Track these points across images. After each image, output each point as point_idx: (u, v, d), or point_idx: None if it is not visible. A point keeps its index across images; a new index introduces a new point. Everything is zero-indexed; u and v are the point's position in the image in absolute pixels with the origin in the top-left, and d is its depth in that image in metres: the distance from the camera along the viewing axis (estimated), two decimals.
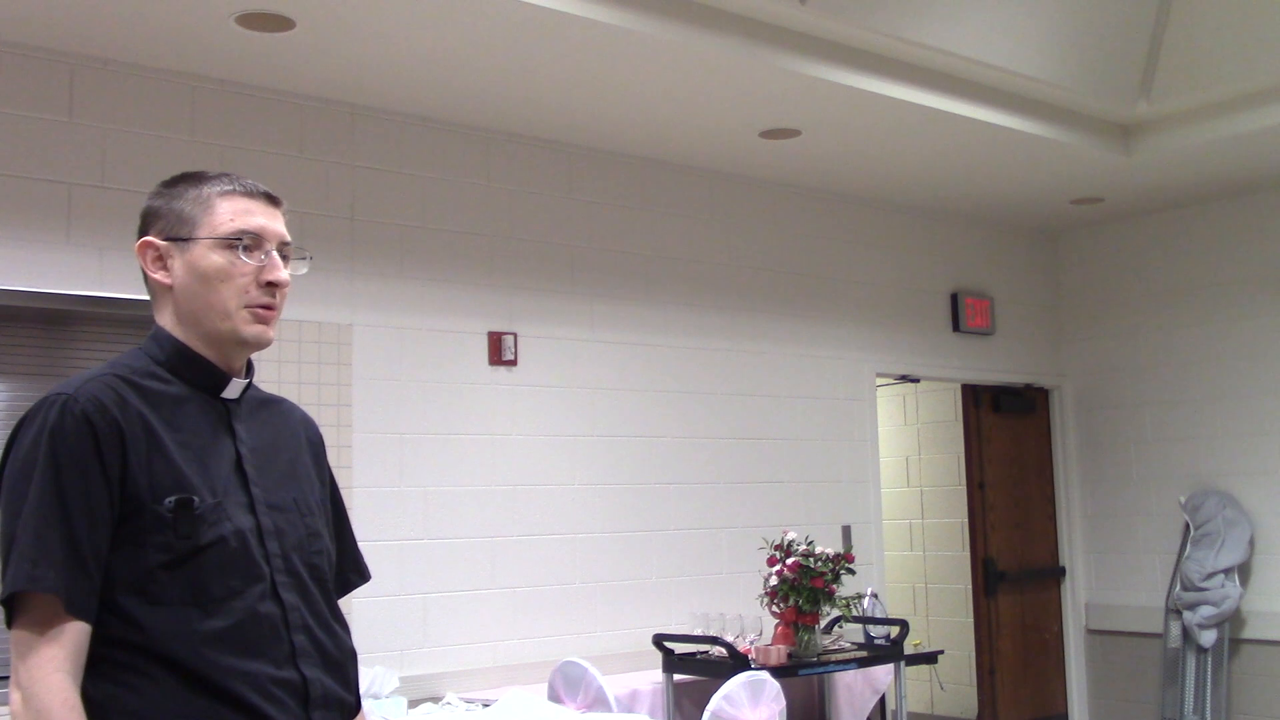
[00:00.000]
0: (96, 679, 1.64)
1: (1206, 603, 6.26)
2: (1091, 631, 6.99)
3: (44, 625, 1.61)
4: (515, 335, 4.99)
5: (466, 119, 4.90)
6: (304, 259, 1.92)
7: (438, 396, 4.78)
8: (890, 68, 4.81)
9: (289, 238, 1.88)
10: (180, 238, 1.81)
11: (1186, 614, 6.35)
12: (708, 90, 4.69)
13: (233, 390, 1.85)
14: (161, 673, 1.65)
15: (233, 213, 1.82)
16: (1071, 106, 5.47)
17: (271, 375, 4.28)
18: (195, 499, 1.71)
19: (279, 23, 3.93)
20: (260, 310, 1.82)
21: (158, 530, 1.68)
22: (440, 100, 4.69)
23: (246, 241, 1.81)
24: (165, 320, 1.84)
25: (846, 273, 6.22)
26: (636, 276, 5.41)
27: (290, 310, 4.44)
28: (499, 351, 4.94)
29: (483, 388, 4.91)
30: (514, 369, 4.99)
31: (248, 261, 1.81)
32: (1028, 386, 7.06)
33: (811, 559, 4.68)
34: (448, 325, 4.84)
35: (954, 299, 6.69)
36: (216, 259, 1.80)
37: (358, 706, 1.89)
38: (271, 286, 1.83)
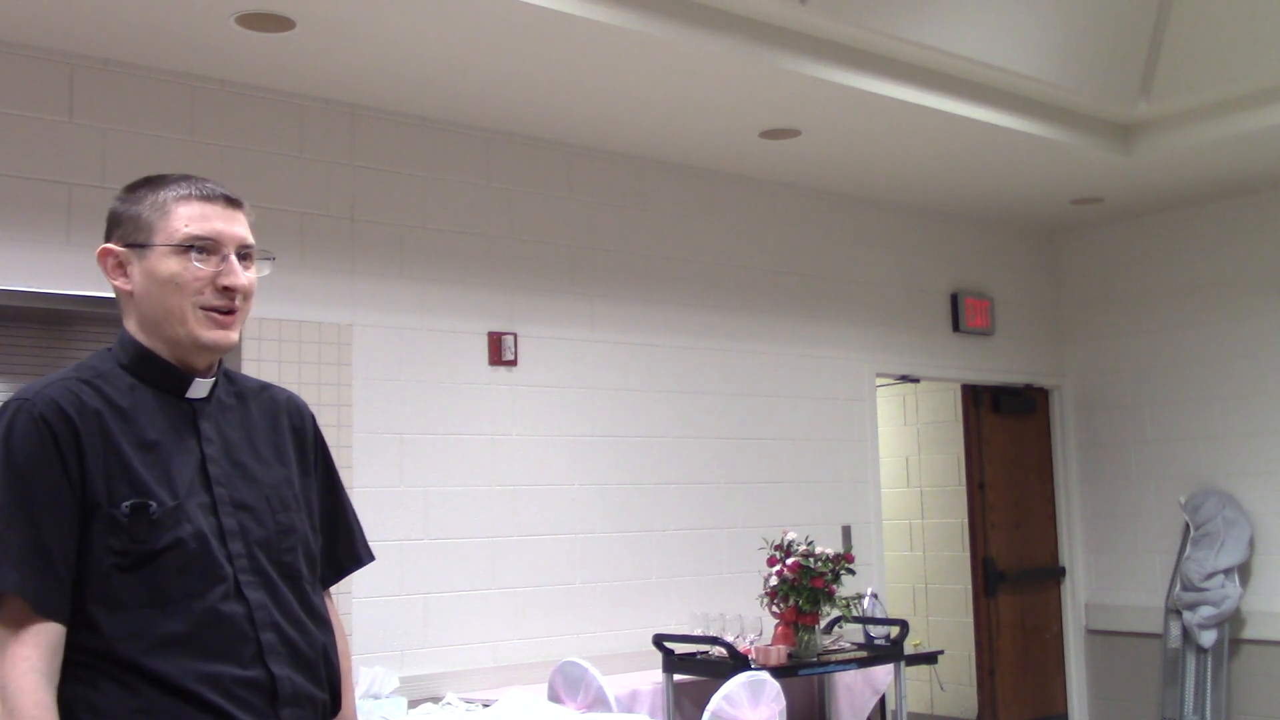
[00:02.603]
0: (65, 680, 1.65)
1: (1206, 603, 6.26)
2: (1091, 631, 6.99)
3: (15, 625, 1.62)
4: (515, 335, 4.99)
5: (466, 119, 4.90)
6: (267, 259, 1.91)
7: (438, 396, 4.78)
8: (890, 68, 4.81)
9: (250, 240, 1.87)
10: (138, 244, 1.82)
11: (1186, 614, 6.35)
12: (708, 90, 4.69)
13: (198, 390, 1.84)
14: (125, 675, 1.66)
15: (188, 218, 1.82)
16: (1071, 106, 5.47)
17: (272, 375, 4.27)
18: (152, 504, 1.71)
19: (279, 23, 3.93)
20: (217, 315, 1.82)
21: (113, 534, 1.68)
22: (440, 100, 4.69)
23: (200, 246, 1.81)
24: (130, 324, 1.85)
25: (846, 273, 6.22)
26: (636, 276, 5.41)
27: (290, 310, 4.47)
28: (499, 351, 4.94)
29: (483, 388, 4.91)
30: (514, 369, 4.99)
31: (202, 268, 1.81)
32: (1028, 386, 7.06)
33: (811, 559, 4.68)
34: (448, 325, 4.84)
35: (954, 299, 6.69)
36: (172, 265, 1.80)
37: (335, 706, 1.88)
38: (229, 291, 1.82)
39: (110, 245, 1.86)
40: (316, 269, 4.50)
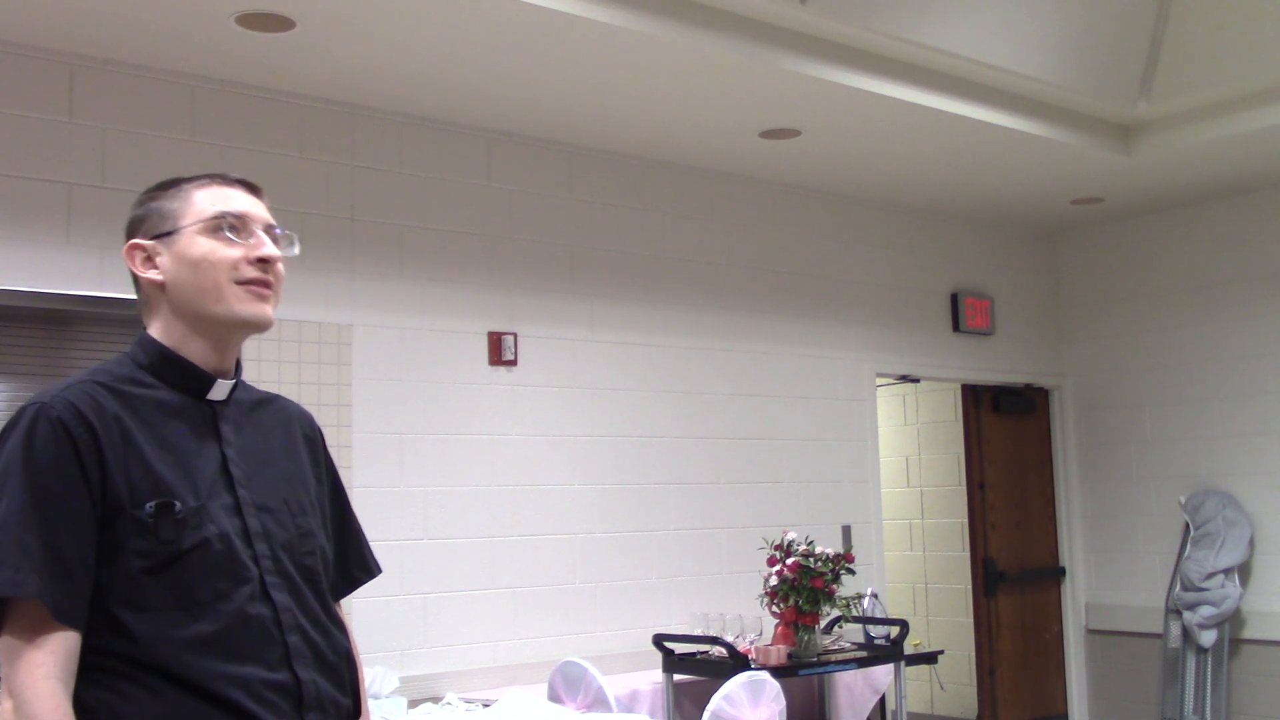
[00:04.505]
0: (89, 685, 1.64)
1: (1206, 603, 6.26)
2: (1091, 631, 6.99)
3: (31, 632, 1.60)
4: (515, 335, 4.99)
5: (466, 119, 4.90)
6: (292, 241, 1.91)
7: (438, 396, 4.78)
8: (890, 68, 4.81)
9: (273, 221, 1.89)
10: (165, 232, 1.82)
11: (1186, 614, 6.35)
12: (708, 90, 4.69)
13: (218, 392, 1.83)
14: (152, 679, 1.64)
15: (212, 199, 1.83)
16: (1071, 106, 5.47)
17: (271, 375, 4.28)
18: (176, 503, 1.69)
19: (279, 23, 3.93)
20: (256, 287, 1.82)
21: (139, 535, 1.66)
22: (440, 100, 4.69)
23: (231, 221, 1.82)
24: (156, 323, 1.84)
25: (846, 273, 6.22)
26: (636, 276, 5.41)
27: (290, 310, 4.47)
28: (499, 351, 4.94)
29: (483, 388, 4.91)
30: (514, 369, 4.99)
31: (235, 240, 1.82)
32: (1028, 386, 7.06)
33: (811, 559, 4.68)
34: (448, 325, 4.84)
35: (954, 299, 6.69)
36: (204, 243, 1.80)
37: (356, 710, 1.87)
38: (263, 263, 1.83)
39: (137, 240, 1.83)
40: (316, 269, 4.50)
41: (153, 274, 1.82)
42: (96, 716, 1.63)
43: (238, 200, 1.85)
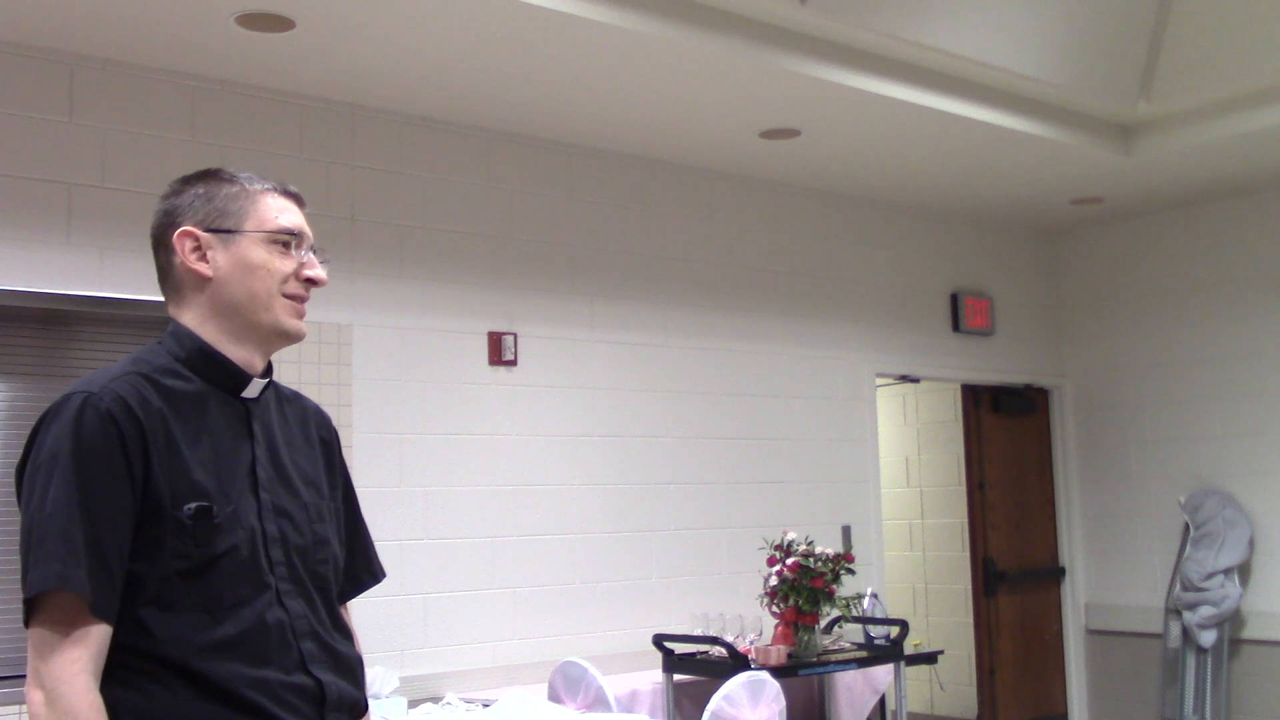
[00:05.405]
0: (109, 682, 1.64)
1: (1206, 603, 6.26)
2: (1091, 631, 6.99)
3: (67, 625, 1.60)
4: (515, 335, 4.99)
5: (466, 119, 4.90)
6: (325, 261, 1.92)
7: (438, 396, 4.78)
8: (890, 68, 4.81)
9: (312, 238, 1.91)
10: (225, 229, 1.81)
11: (1186, 614, 6.35)
12: (708, 90, 4.69)
13: (253, 390, 1.84)
14: (172, 678, 1.64)
15: (278, 210, 1.84)
16: (1071, 106, 5.47)
17: None
18: (214, 507, 1.69)
19: (279, 23, 3.93)
20: (297, 303, 1.85)
21: (177, 537, 1.66)
22: (440, 100, 4.69)
23: (293, 240, 1.84)
24: (189, 315, 1.82)
25: (846, 273, 6.22)
26: (636, 276, 5.41)
27: None
28: (499, 351, 4.94)
29: (483, 388, 4.91)
30: (514, 369, 4.99)
31: (292, 257, 1.84)
32: (1028, 386, 7.06)
33: (811, 559, 4.68)
34: (448, 325, 4.84)
35: (954, 299, 6.69)
36: (262, 253, 1.81)
37: (366, 707, 1.89)
38: (309, 283, 1.86)
39: (190, 228, 1.81)
40: None
41: (202, 267, 1.81)
42: (115, 713, 1.63)
43: (293, 214, 1.87)
